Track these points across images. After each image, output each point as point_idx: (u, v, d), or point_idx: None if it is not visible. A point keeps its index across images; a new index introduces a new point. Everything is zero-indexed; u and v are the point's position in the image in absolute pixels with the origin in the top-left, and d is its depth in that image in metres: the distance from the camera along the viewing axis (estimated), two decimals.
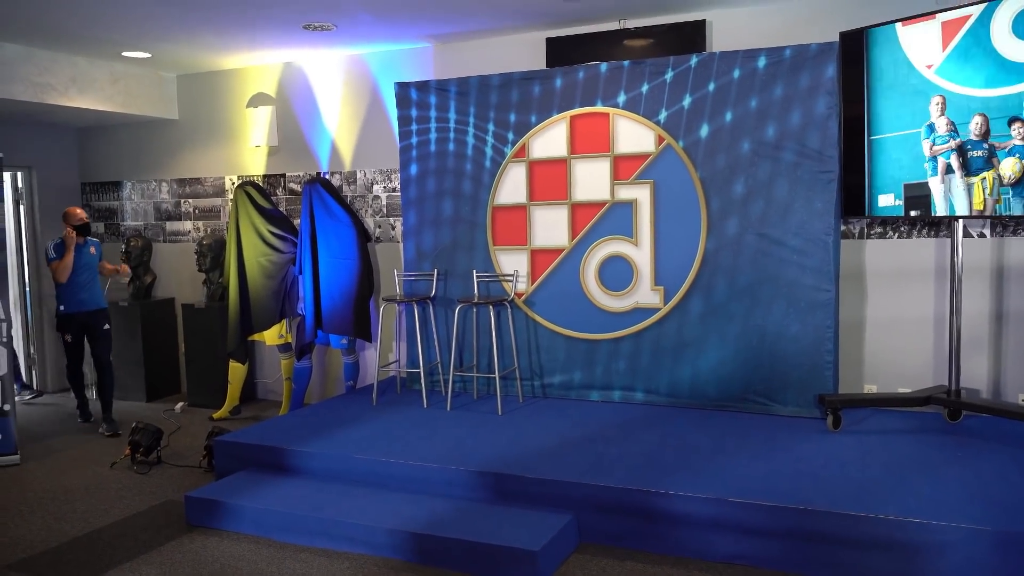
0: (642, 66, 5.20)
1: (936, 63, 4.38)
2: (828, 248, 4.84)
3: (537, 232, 5.56)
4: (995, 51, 4.12)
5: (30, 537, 4.12)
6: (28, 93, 6.09)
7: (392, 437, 4.74)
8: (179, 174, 7.40)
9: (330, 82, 6.65)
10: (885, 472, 3.90)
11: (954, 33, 4.29)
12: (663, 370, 5.27)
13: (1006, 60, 4.07)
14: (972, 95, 4.24)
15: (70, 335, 6.00)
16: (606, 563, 3.64)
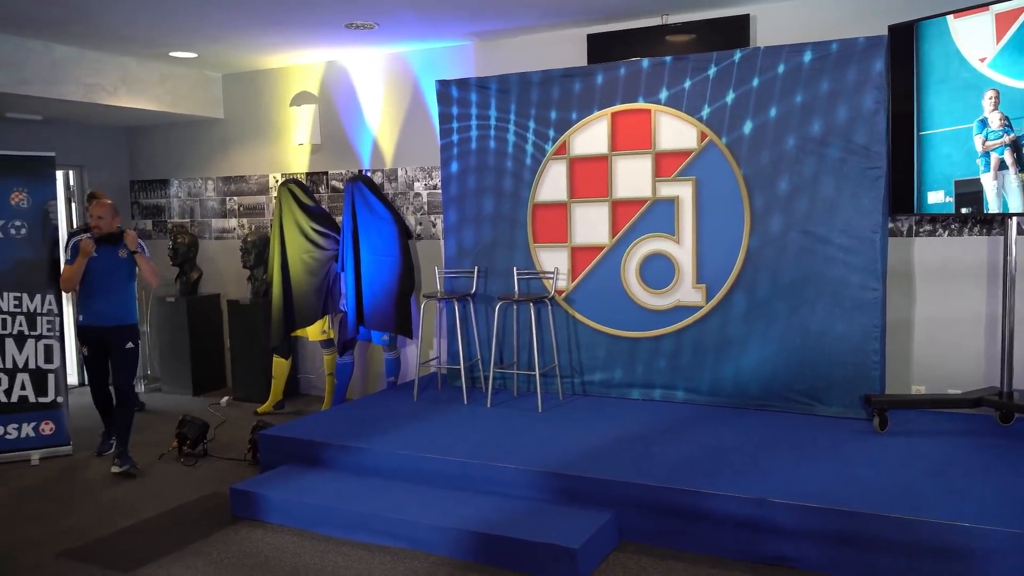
0: (685, 62, 5.15)
1: (989, 56, 4.27)
2: (875, 246, 4.75)
3: (578, 229, 5.54)
4: None
5: (81, 526, 4.23)
6: (79, 94, 6.24)
7: (433, 433, 4.77)
8: (224, 172, 7.53)
9: (372, 80, 6.70)
10: (933, 475, 3.82)
11: (1009, 25, 4.18)
12: (705, 369, 5.23)
13: None
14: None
15: (87, 348, 5.16)
16: (646, 561, 3.63)
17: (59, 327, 5.48)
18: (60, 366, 5.49)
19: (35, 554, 3.89)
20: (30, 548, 3.96)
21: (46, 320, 5.43)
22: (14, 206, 5.38)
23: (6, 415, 5.33)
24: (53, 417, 5.45)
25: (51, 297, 5.45)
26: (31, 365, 5.39)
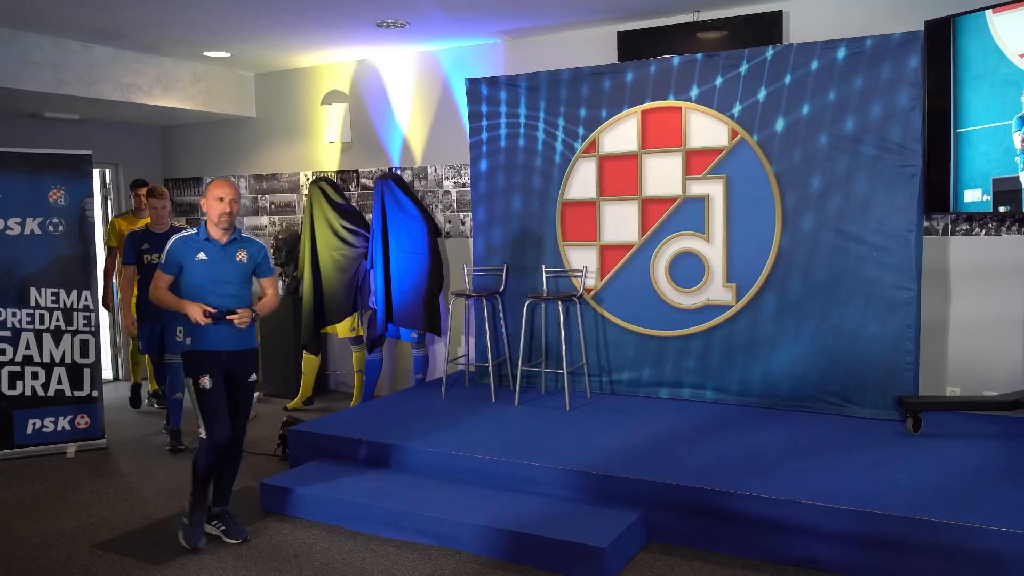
0: (716, 59, 5.11)
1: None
2: (910, 245, 4.67)
3: (607, 228, 5.52)
4: None
5: (115, 519, 4.30)
6: (116, 93, 6.35)
7: (460, 430, 4.78)
8: (256, 170, 7.60)
9: (402, 79, 6.73)
10: (968, 478, 3.75)
11: None
12: (734, 368, 5.18)
13: None
14: None
15: (209, 377, 3.79)
16: (674, 562, 3.60)
17: (95, 322, 5.57)
18: (96, 360, 5.58)
19: (69, 546, 3.96)
20: (64, 540, 4.03)
21: (82, 315, 5.53)
22: (52, 203, 5.48)
23: (43, 408, 5.43)
24: (88, 411, 5.54)
25: (87, 293, 5.54)
26: (67, 360, 5.49)
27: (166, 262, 3.86)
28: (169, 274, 3.87)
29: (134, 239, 5.48)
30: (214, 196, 3.85)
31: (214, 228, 3.90)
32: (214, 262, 3.86)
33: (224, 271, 3.88)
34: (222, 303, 3.80)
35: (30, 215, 5.42)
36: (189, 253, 3.85)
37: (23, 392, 5.39)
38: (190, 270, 3.84)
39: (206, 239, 3.89)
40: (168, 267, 3.86)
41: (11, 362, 5.36)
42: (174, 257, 3.85)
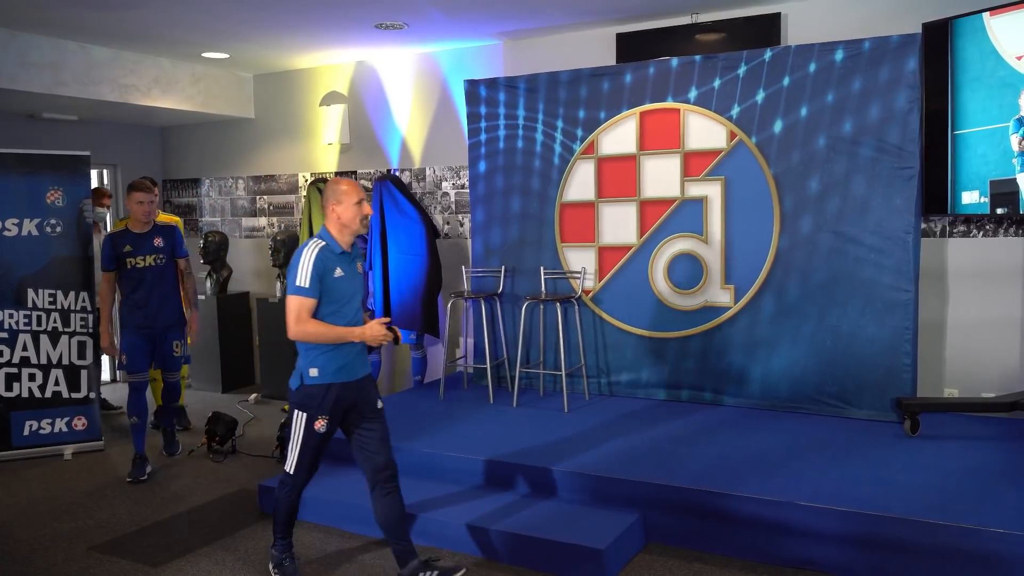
0: (714, 61, 5.11)
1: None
2: (908, 247, 4.68)
3: (605, 229, 5.52)
4: None
5: (113, 521, 4.29)
6: (114, 94, 6.34)
7: (458, 432, 4.77)
8: (255, 171, 7.60)
9: (401, 80, 6.73)
10: (966, 479, 3.75)
11: None
12: (733, 370, 5.18)
13: None
14: None
15: (327, 420, 3.32)
16: (673, 564, 3.60)
17: (92, 324, 5.57)
18: (93, 362, 5.57)
19: (66, 548, 3.95)
20: (61, 542, 4.02)
21: (80, 317, 5.52)
22: (50, 204, 5.47)
23: (40, 410, 5.42)
24: (86, 413, 5.54)
25: (85, 294, 5.53)
26: (64, 361, 5.48)
27: (311, 283, 3.16)
28: (314, 298, 3.18)
29: (113, 241, 4.93)
30: (354, 199, 3.27)
31: (347, 236, 3.30)
32: (348, 277, 3.30)
33: (356, 286, 3.36)
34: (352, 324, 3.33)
35: (28, 216, 5.42)
36: (329, 269, 3.23)
37: (20, 394, 5.38)
38: (328, 290, 3.23)
39: (340, 252, 3.28)
40: (313, 290, 3.17)
41: (8, 363, 5.35)
42: (319, 273, 3.19)
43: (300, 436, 3.34)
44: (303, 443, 3.34)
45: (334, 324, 3.23)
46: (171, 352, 5.10)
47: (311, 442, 3.34)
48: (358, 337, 3.24)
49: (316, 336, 3.19)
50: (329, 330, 3.20)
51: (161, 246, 5.00)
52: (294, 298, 3.17)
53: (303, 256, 3.20)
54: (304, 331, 3.18)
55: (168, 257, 5.06)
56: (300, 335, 3.19)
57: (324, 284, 3.20)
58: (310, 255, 3.19)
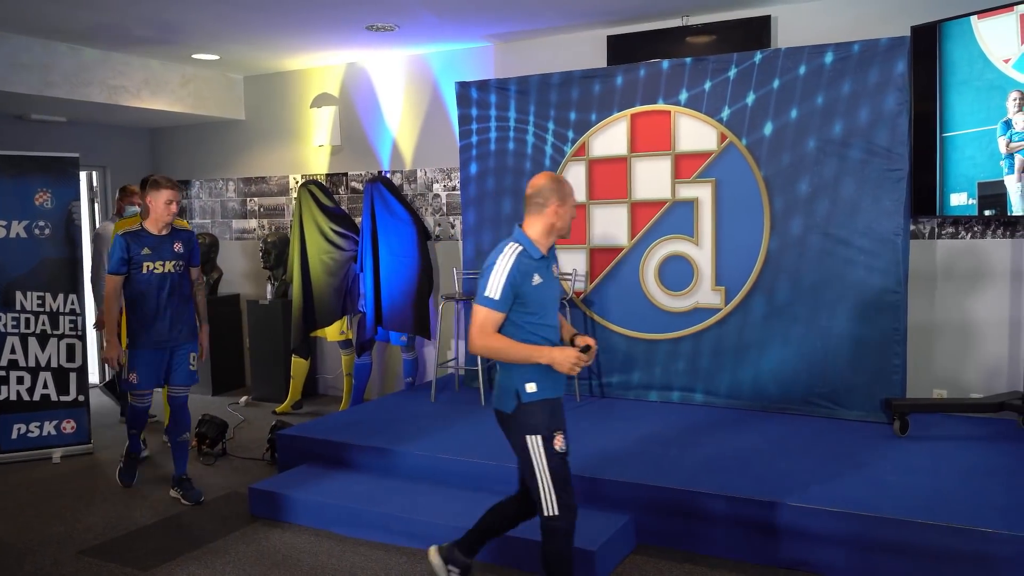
0: (705, 63, 5.13)
1: (1014, 57, 4.22)
2: (897, 248, 4.70)
3: (596, 231, 5.53)
4: None
5: (102, 524, 4.27)
6: (103, 95, 6.31)
7: (450, 434, 4.77)
8: (245, 173, 7.58)
9: (392, 82, 6.73)
10: (955, 479, 3.77)
11: None
12: (723, 371, 5.20)
13: None
14: None
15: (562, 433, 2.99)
16: (664, 565, 3.61)
17: (81, 326, 5.54)
18: (82, 365, 5.54)
19: (55, 551, 3.93)
20: (51, 545, 4.00)
21: (68, 319, 5.49)
22: (38, 206, 5.44)
23: (28, 413, 5.39)
24: (74, 415, 5.50)
25: (74, 296, 5.50)
26: (53, 364, 5.45)
27: (503, 295, 2.84)
28: (503, 312, 2.86)
29: (128, 242, 4.42)
30: (574, 200, 3.04)
31: (550, 240, 3.00)
32: (546, 283, 2.97)
33: (555, 292, 3.04)
34: (550, 337, 2.98)
35: (16, 218, 5.39)
36: (528, 276, 2.89)
37: (8, 397, 5.35)
38: (526, 299, 2.89)
39: (540, 257, 2.96)
40: (504, 302, 2.85)
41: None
42: (514, 283, 2.86)
43: (545, 464, 2.86)
44: (552, 471, 2.87)
45: (539, 334, 2.92)
46: (187, 365, 4.61)
47: (559, 466, 2.89)
48: (546, 360, 2.83)
49: (500, 353, 2.86)
50: (514, 348, 2.85)
51: (181, 252, 4.54)
52: (481, 309, 2.85)
53: (498, 263, 2.87)
54: (487, 345, 2.85)
55: (185, 264, 4.60)
56: (482, 349, 2.86)
57: (521, 293, 2.87)
58: (506, 263, 2.86)
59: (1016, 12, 4.19)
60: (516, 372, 2.91)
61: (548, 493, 2.86)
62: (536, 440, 2.87)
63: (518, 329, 2.91)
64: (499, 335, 2.87)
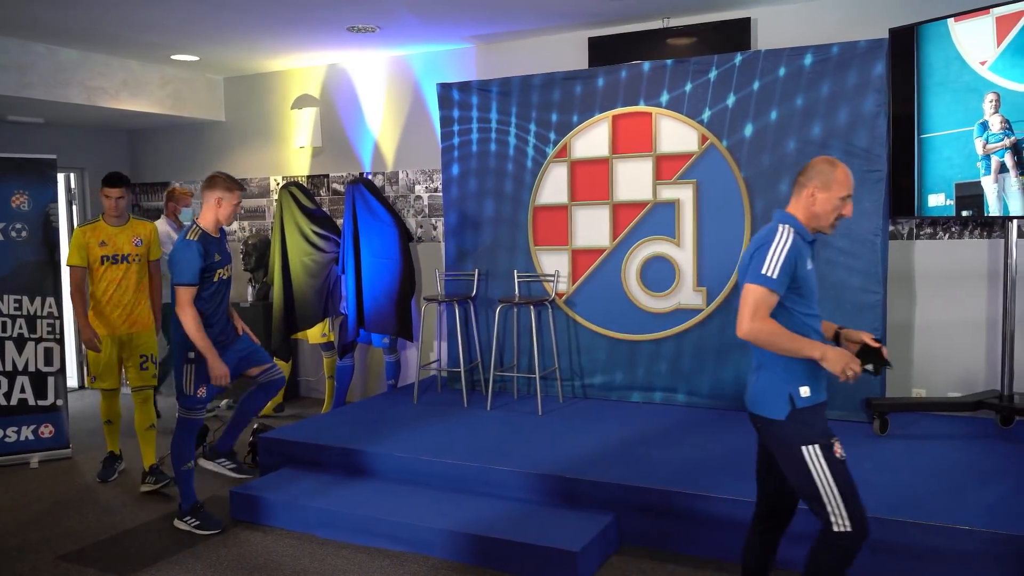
0: (685, 65, 5.15)
1: (990, 59, 4.27)
2: (876, 249, 4.74)
3: (578, 232, 5.54)
4: None
5: (81, 529, 4.22)
6: (82, 96, 6.25)
7: (432, 436, 4.76)
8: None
9: (373, 83, 6.71)
10: (934, 478, 3.81)
11: (1009, 28, 4.18)
12: (705, 372, 5.22)
13: None
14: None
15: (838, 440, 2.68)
16: (647, 565, 3.62)
17: (59, 330, 5.48)
18: (60, 369, 5.48)
19: (34, 557, 3.88)
20: (29, 551, 3.95)
21: (46, 323, 5.43)
22: (15, 208, 5.38)
23: (6, 418, 5.32)
24: (52, 420, 5.44)
25: (52, 300, 5.44)
26: (31, 368, 5.39)
27: (780, 275, 2.55)
28: (779, 293, 2.58)
29: (205, 248, 3.97)
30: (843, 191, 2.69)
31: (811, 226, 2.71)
32: (814, 271, 2.73)
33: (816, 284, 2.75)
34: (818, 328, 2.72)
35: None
36: (803, 260, 2.63)
37: None
38: (800, 283, 2.63)
39: (810, 240, 2.70)
40: (781, 283, 2.56)
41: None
42: (791, 265, 2.58)
43: (828, 475, 2.55)
44: (839, 483, 2.56)
45: (810, 325, 2.64)
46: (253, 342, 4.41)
47: (845, 476, 2.58)
48: (818, 355, 2.52)
49: (771, 339, 2.55)
50: (786, 336, 2.54)
51: (228, 253, 4.28)
52: (756, 288, 2.55)
53: (775, 242, 2.57)
54: (759, 329, 2.54)
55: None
56: (752, 333, 2.56)
57: (797, 276, 2.58)
58: (784, 242, 2.56)
59: (992, 15, 4.24)
60: (787, 372, 2.61)
61: (837, 506, 2.55)
62: (814, 450, 2.55)
63: (790, 316, 2.62)
64: (773, 320, 2.57)
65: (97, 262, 4.75)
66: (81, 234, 4.79)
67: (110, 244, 4.77)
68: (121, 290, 4.80)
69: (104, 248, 4.76)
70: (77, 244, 4.76)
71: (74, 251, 4.76)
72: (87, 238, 4.76)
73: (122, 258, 4.80)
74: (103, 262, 4.76)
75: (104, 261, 4.76)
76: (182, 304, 3.95)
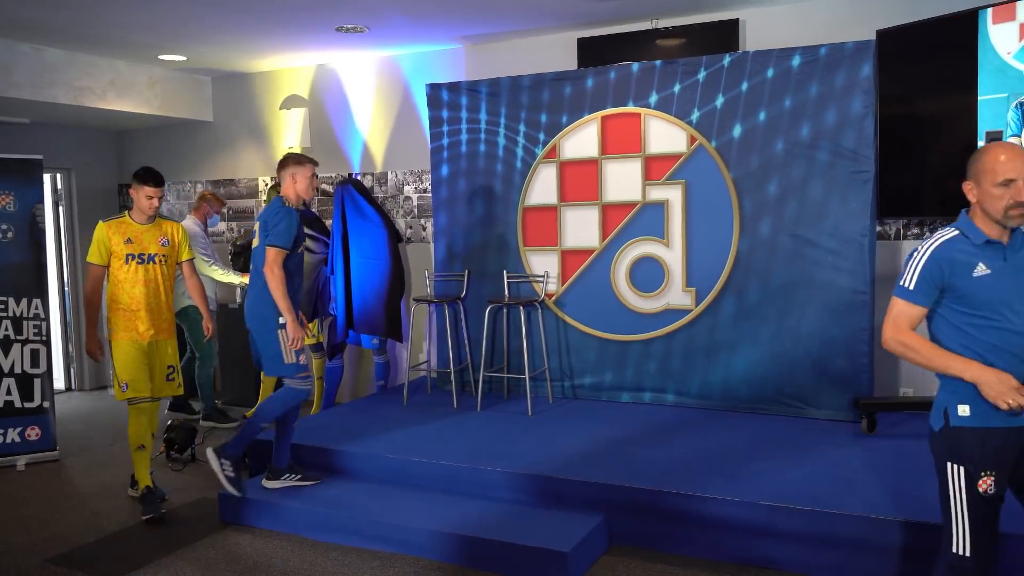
0: (674, 66, 5.17)
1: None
2: (864, 249, 4.77)
3: (568, 233, 5.54)
4: None
5: (69, 532, 4.20)
6: (68, 97, 6.22)
7: (422, 437, 4.75)
8: (214, 175, 7.50)
9: (362, 83, 6.70)
10: (921, 477, 3.82)
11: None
12: (695, 372, 5.23)
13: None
14: None
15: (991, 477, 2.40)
16: (636, 565, 3.62)
17: (46, 331, 5.44)
18: (47, 371, 5.45)
19: (21, 561, 3.86)
20: (16, 554, 3.93)
21: (33, 324, 5.39)
22: (1, 209, 5.34)
23: None
24: (39, 422, 5.40)
25: (38, 301, 5.41)
26: (17, 370, 5.35)
27: (917, 286, 2.42)
28: (921, 306, 2.44)
29: (297, 217, 4.20)
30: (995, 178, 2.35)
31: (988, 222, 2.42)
32: (998, 275, 2.39)
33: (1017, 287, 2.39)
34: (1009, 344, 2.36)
35: None
36: (962, 267, 2.40)
37: None
38: (962, 293, 2.40)
39: (985, 241, 2.42)
40: (919, 295, 2.43)
41: None
42: (932, 274, 2.42)
43: (963, 501, 2.42)
44: (969, 509, 2.41)
45: (987, 340, 2.37)
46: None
47: (978, 509, 2.41)
48: (969, 377, 2.33)
49: (905, 352, 2.45)
50: (930, 351, 2.41)
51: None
52: (894, 299, 2.47)
53: (917, 249, 2.46)
54: (898, 340, 2.45)
55: None
56: (893, 344, 2.46)
57: (953, 286, 2.38)
58: (925, 250, 2.44)
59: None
60: (950, 386, 2.44)
61: (961, 527, 2.42)
62: (957, 471, 2.41)
63: (955, 331, 2.42)
64: (914, 333, 2.43)
65: (121, 260, 4.38)
66: (105, 229, 4.41)
67: (136, 242, 4.42)
68: (148, 292, 4.42)
69: (130, 246, 4.41)
70: (99, 239, 4.38)
71: (95, 247, 4.38)
72: (111, 234, 4.40)
73: (148, 258, 4.44)
74: (128, 260, 4.39)
75: (129, 260, 4.39)
76: (271, 264, 4.04)
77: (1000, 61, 4.13)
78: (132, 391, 4.39)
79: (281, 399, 4.22)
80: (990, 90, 4.20)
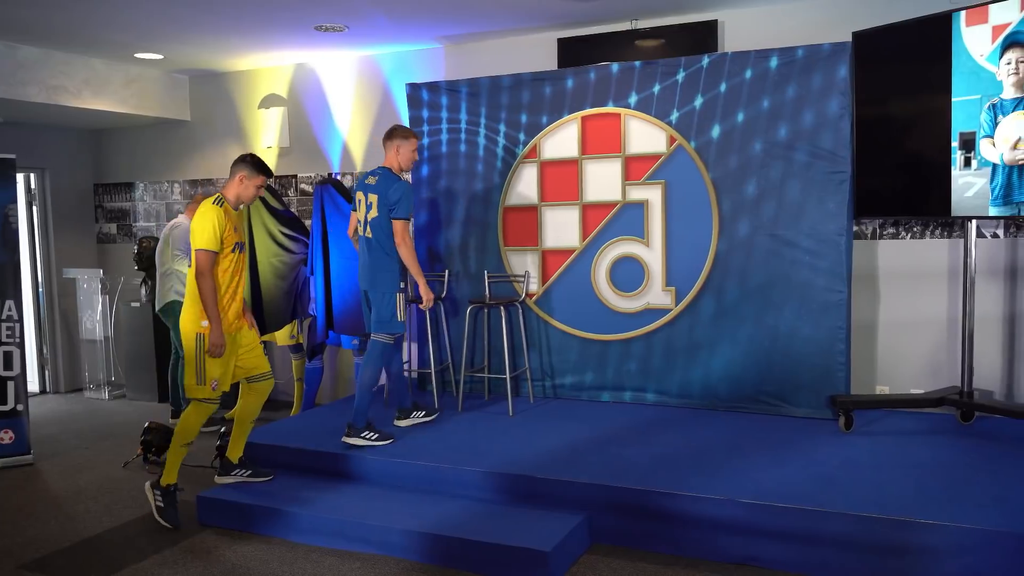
0: (654, 67, 5.19)
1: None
2: (840, 249, 4.82)
3: (548, 233, 5.55)
4: None
5: (44, 537, 4.15)
6: (42, 95, 6.14)
7: (403, 438, 4.74)
8: (191, 175, 7.44)
9: (342, 83, 6.67)
10: (898, 474, 3.88)
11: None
12: (674, 371, 5.26)
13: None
14: None
15: None
16: (618, 564, 3.64)
17: (19, 333, 5.37)
18: (20, 373, 5.37)
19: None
20: None
21: (5, 326, 5.32)
22: None
23: None
24: (13, 426, 5.33)
25: (11, 303, 5.33)
26: None
27: None
28: None
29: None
30: None
31: None
32: None
33: None
34: None
35: None
36: None
37: None
38: None
39: None
40: None
41: None
42: None
43: None
44: None
45: None
46: None
47: None
48: None
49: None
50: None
51: None
52: None
53: None
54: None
55: None
56: None
57: None
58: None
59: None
60: None
61: None
62: None
63: None
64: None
65: (229, 249, 4.08)
66: (223, 214, 4.04)
67: (240, 230, 4.19)
68: (240, 281, 4.22)
69: (237, 234, 4.14)
70: (218, 224, 3.98)
71: (212, 232, 3.97)
72: (226, 219, 4.05)
73: (241, 246, 4.21)
74: (235, 250, 4.12)
75: (236, 249, 4.12)
76: (403, 235, 4.60)
77: (973, 63, 4.20)
78: (220, 389, 4.18)
79: (371, 359, 4.71)
80: (964, 92, 4.26)
